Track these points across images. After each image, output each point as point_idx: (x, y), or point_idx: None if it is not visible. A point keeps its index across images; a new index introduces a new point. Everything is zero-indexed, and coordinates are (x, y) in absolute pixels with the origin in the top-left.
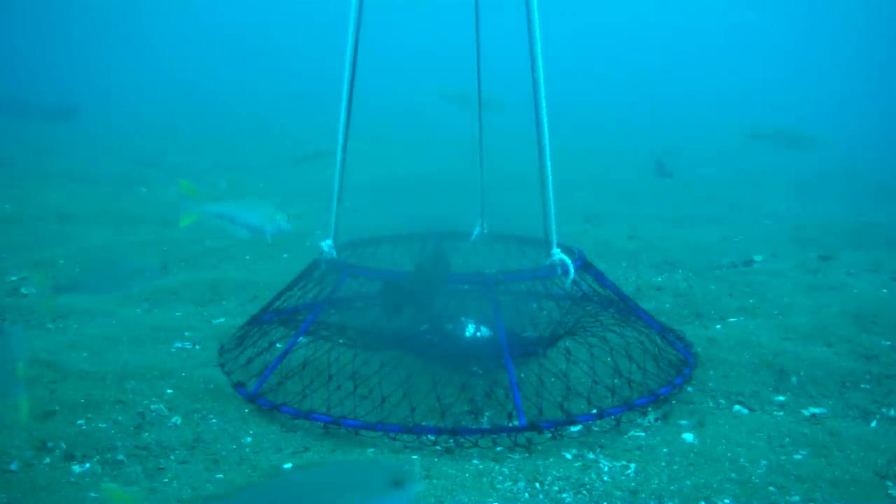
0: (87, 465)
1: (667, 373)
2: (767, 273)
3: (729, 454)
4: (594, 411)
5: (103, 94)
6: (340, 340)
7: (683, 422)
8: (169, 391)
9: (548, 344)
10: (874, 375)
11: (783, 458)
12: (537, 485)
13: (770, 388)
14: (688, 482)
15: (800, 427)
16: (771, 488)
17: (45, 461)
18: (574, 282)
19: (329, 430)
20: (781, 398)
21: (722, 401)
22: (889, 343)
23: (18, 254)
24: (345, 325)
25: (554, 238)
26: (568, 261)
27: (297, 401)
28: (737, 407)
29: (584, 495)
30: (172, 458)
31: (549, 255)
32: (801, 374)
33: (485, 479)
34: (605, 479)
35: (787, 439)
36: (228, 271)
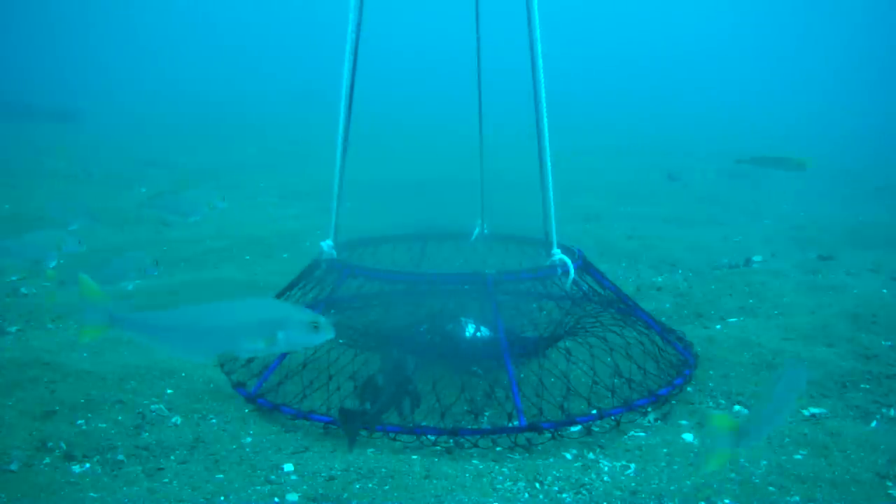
0: (87, 465)
1: (667, 373)
2: (767, 273)
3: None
4: (594, 412)
5: (104, 96)
6: (340, 340)
7: (683, 422)
8: (169, 391)
9: (548, 344)
10: (874, 375)
11: (783, 458)
12: (537, 485)
13: None
14: (688, 482)
15: (800, 427)
16: (771, 488)
17: (45, 461)
18: (574, 282)
19: (329, 430)
20: None
21: (722, 401)
22: (889, 343)
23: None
24: (345, 325)
25: (554, 238)
26: (568, 261)
27: (297, 401)
28: (737, 407)
29: (584, 495)
30: (172, 458)
31: (550, 255)
32: None
33: (485, 480)
34: (605, 479)
35: (787, 439)
36: (228, 271)
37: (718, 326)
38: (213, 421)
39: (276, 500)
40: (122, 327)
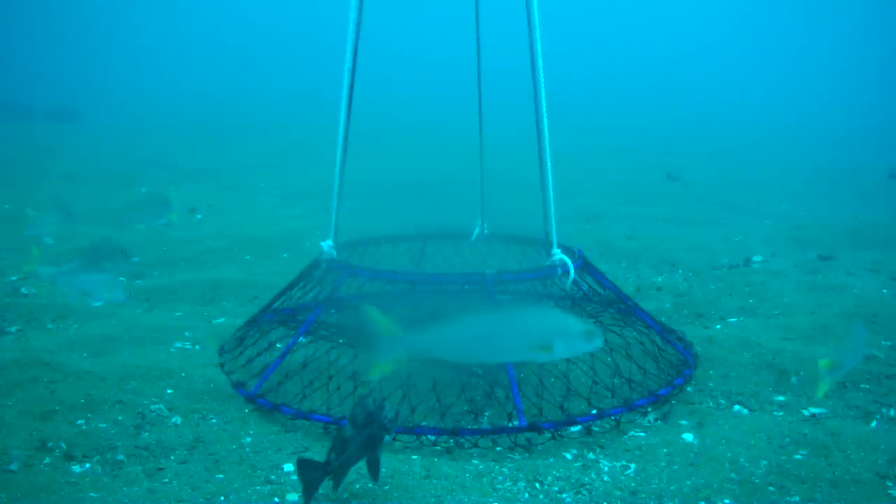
0: (87, 465)
1: (667, 373)
2: (767, 273)
3: (729, 454)
4: (594, 412)
5: (104, 96)
6: (340, 340)
7: (683, 422)
8: (169, 391)
9: None
10: (874, 375)
11: (783, 458)
12: (537, 485)
13: (770, 388)
14: (688, 482)
15: (800, 427)
16: (771, 488)
17: (45, 461)
18: (574, 282)
19: (329, 430)
20: (781, 398)
21: (722, 401)
22: (889, 343)
23: (18, 254)
24: (345, 325)
25: (554, 238)
26: (568, 261)
27: (297, 401)
28: (737, 407)
29: (584, 495)
30: (172, 458)
31: (550, 255)
32: (801, 374)
33: (485, 480)
34: (605, 479)
35: (787, 439)
36: (228, 271)
37: (718, 326)
38: (213, 421)
39: (276, 500)
40: (413, 351)
